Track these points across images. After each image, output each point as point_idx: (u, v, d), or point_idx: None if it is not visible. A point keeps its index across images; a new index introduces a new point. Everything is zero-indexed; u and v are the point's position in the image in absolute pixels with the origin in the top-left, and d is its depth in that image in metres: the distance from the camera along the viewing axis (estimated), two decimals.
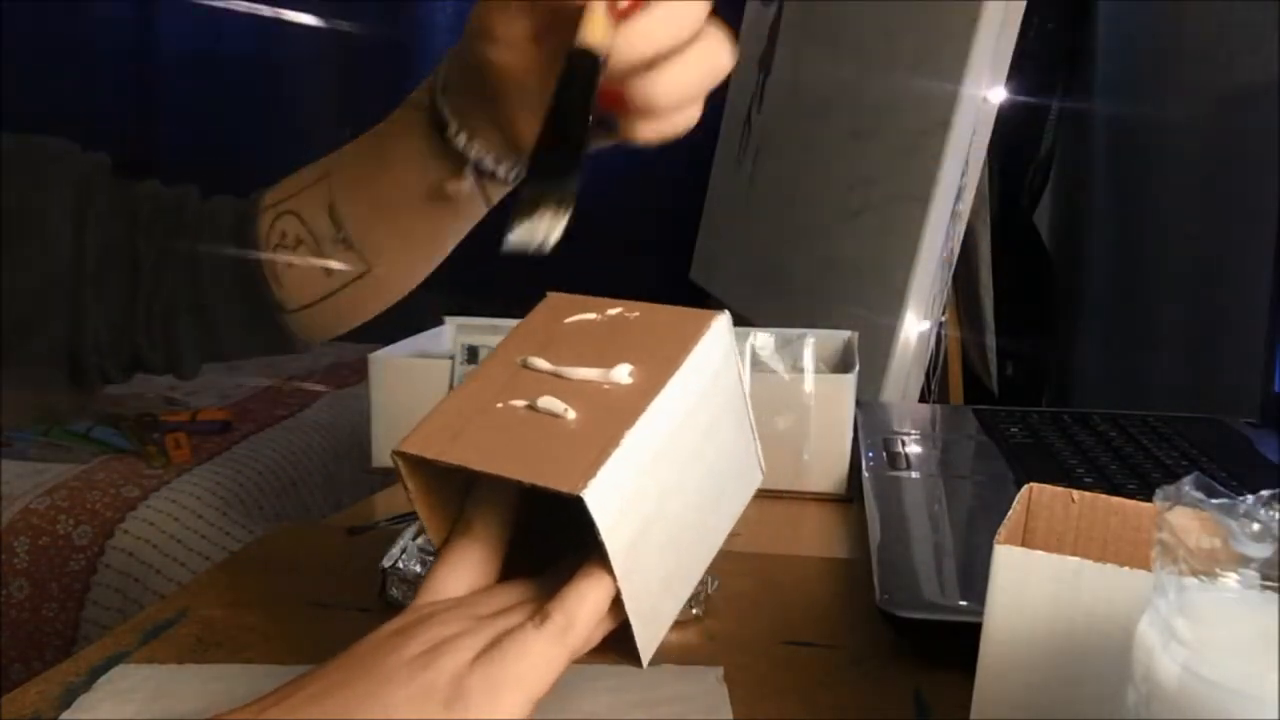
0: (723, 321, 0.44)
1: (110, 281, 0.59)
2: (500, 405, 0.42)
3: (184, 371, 0.63)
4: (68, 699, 0.51)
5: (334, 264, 0.58)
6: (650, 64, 0.43)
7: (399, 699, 0.36)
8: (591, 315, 0.46)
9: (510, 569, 0.44)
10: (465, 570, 0.43)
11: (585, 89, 0.41)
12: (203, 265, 0.60)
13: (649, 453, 0.39)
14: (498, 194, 0.56)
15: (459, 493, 0.45)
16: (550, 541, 0.43)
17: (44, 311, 0.58)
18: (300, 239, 0.58)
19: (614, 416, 0.40)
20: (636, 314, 0.45)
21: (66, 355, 0.60)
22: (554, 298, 0.49)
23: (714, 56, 0.44)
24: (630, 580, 0.39)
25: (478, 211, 0.57)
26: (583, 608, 0.38)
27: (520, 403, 0.42)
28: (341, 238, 0.58)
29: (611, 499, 0.38)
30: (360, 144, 0.58)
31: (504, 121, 0.50)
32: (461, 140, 0.52)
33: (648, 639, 0.41)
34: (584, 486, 0.37)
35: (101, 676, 0.53)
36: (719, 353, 0.44)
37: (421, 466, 0.43)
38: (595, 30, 0.41)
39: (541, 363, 0.44)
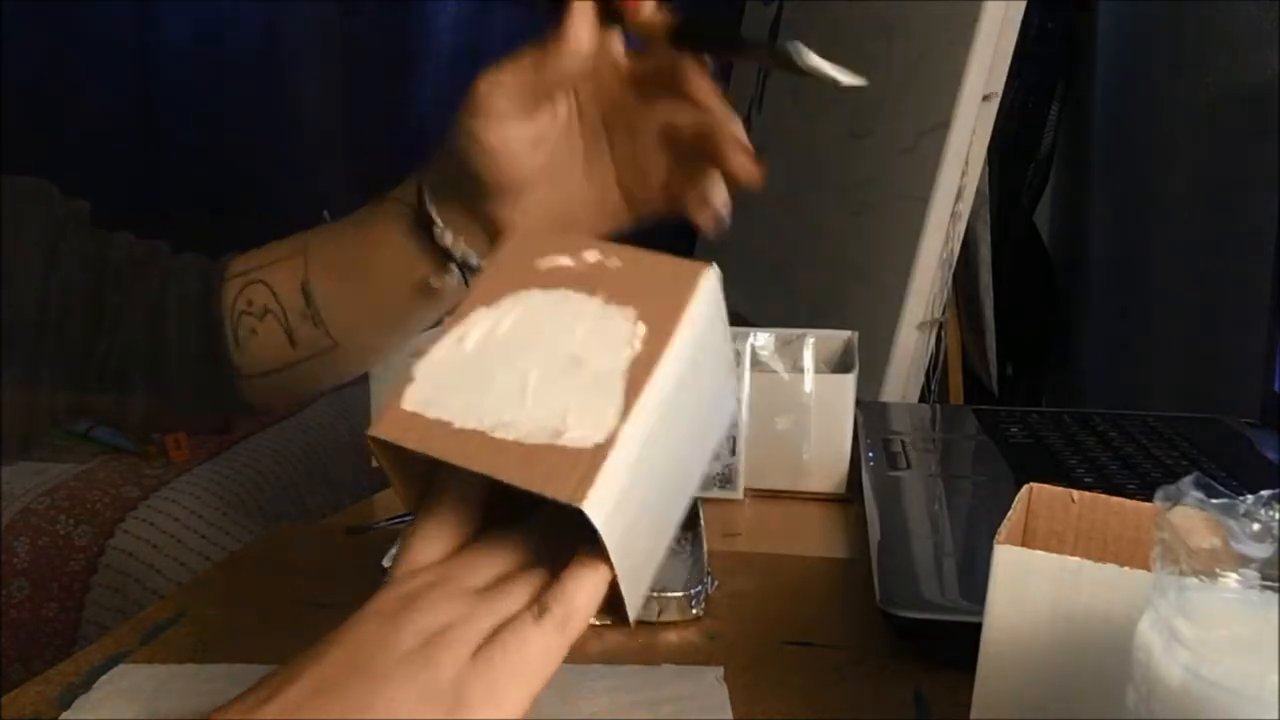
0: (711, 277, 0.41)
1: (70, 330, 0.59)
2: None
3: (129, 422, 0.63)
4: (68, 699, 0.51)
5: (299, 337, 0.59)
6: None
7: (400, 704, 0.35)
8: (568, 260, 0.42)
9: (490, 512, 0.42)
10: (442, 533, 0.41)
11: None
12: (164, 322, 0.60)
13: (644, 439, 0.38)
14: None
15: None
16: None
17: (3, 354, 0.58)
18: (268, 309, 0.58)
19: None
20: (618, 263, 0.42)
21: (20, 399, 0.59)
22: (520, 233, 0.45)
23: None
24: (624, 558, 0.38)
25: (455, 297, 0.57)
26: (581, 597, 0.38)
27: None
28: (310, 314, 0.58)
29: (609, 497, 0.36)
30: (342, 230, 0.58)
31: (498, 226, 0.51)
32: (448, 239, 0.53)
33: (636, 597, 0.40)
34: (584, 497, 0.35)
35: (101, 677, 0.53)
36: (709, 310, 0.41)
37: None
38: None
39: None
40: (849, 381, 0.83)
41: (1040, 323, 1.63)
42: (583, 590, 0.38)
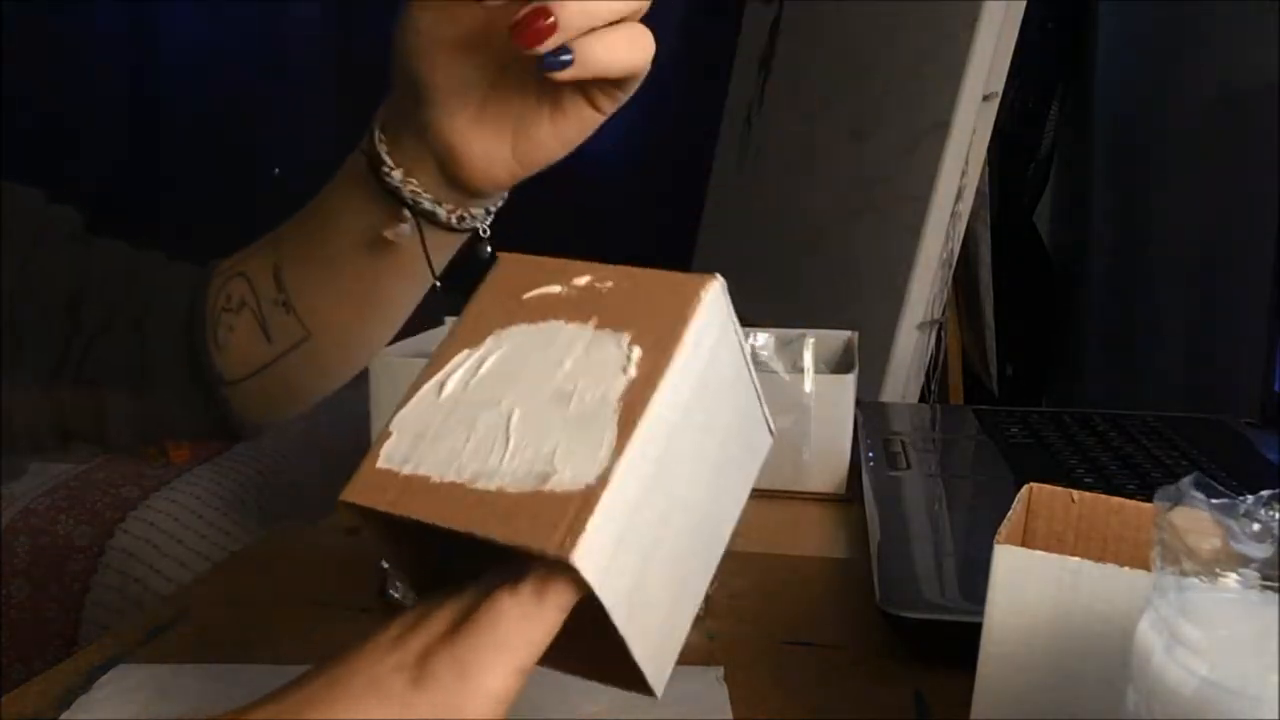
0: (715, 289, 0.36)
1: (43, 344, 0.56)
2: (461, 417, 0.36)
3: (115, 444, 0.60)
4: (68, 699, 0.51)
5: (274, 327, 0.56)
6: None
7: (362, 682, 0.33)
8: (556, 288, 0.38)
9: None
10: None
11: None
12: (145, 338, 0.57)
13: (645, 475, 0.33)
14: (443, 249, 0.53)
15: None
16: None
17: None
18: (244, 301, 0.56)
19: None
20: (610, 283, 0.38)
21: None
22: (506, 262, 0.41)
23: None
24: (634, 623, 0.34)
25: (421, 275, 0.53)
26: (497, 662, 0.33)
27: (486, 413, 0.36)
28: (282, 300, 0.55)
29: (604, 546, 0.32)
30: (310, 203, 0.56)
31: (440, 151, 0.49)
32: (397, 176, 0.50)
33: (659, 669, 0.36)
34: (572, 548, 0.31)
35: (101, 677, 0.53)
36: (715, 327, 0.36)
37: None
38: None
39: None
40: (849, 381, 0.83)
41: (1040, 323, 1.63)
42: None
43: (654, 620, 0.35)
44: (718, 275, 0.37)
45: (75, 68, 2.37)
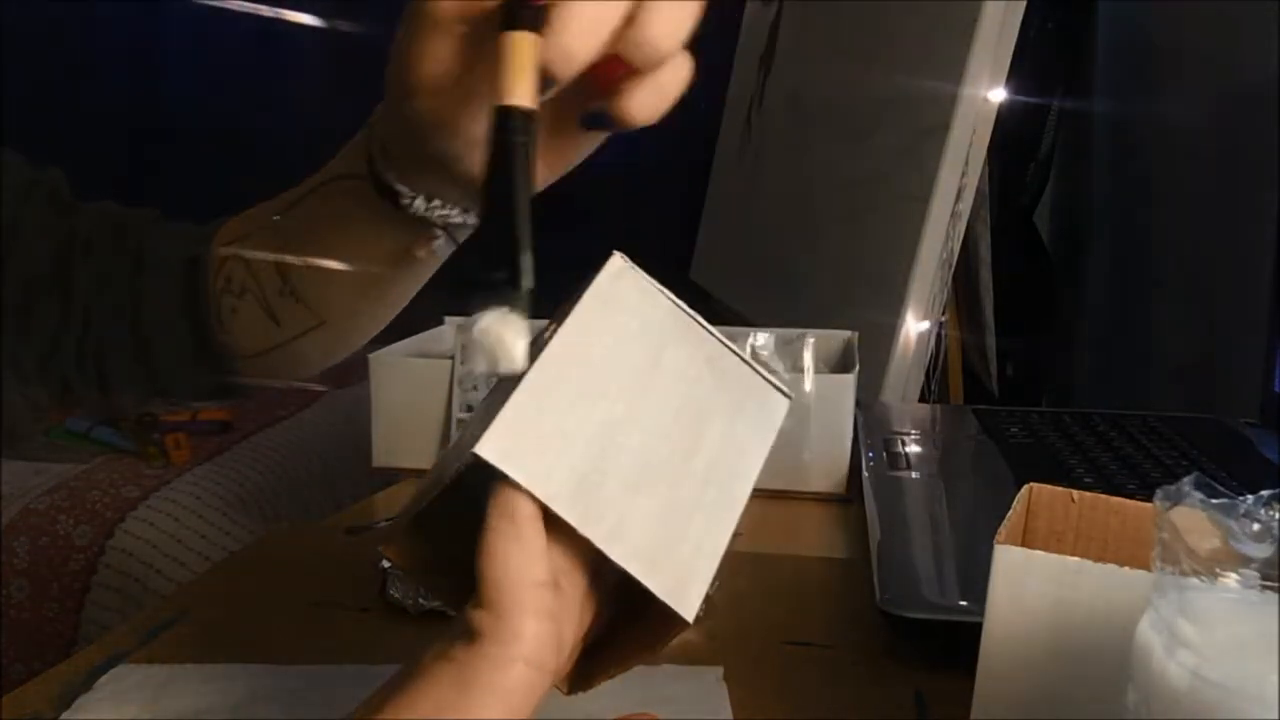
0: (614, 263, 0.40)
1: (37, 311, 0.55)
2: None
3: (121, 406, 0.59)
4: (68, 699, 0.51)
5: (283, 317, 0.54)
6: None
7: (412, 672, 0.34)
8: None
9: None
10: None
11: (521, 154, 0.35)
12: (143, 297, 0.56)
13: (562, 393, 0.36)
14: (465, 233, 0.50)
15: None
16: None
17: None
18: (246, 287, 0.54)
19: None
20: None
21: None
22: None
23: None
24: (602, 522, 0.35)
25: (443, 256, 0.52)
26: (508, 581, 0.33)
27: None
28: (289, 290, 0.53)
29: (516, 440, 0.34)
30: (303, 204, 0.53)
31: (463, 174, 0.44)
32: (421, 206, 0.47)
33: (674, 585, 0.37)
34: (481, 441, 0.33)
35: (101, 677, 0.53)
36: (623, 291, 0.40)
37: (414, 541, 0.41)
38: (518, 85, 0.35)
39: None
40: (849, 381, 0.83)
41: (1040, 323, 1.63)
42: (508, 571, 0.34)
43: (639, 532, 0.36)
44: (615, 253, 0.40)
45: (76, 65, 2.37)
